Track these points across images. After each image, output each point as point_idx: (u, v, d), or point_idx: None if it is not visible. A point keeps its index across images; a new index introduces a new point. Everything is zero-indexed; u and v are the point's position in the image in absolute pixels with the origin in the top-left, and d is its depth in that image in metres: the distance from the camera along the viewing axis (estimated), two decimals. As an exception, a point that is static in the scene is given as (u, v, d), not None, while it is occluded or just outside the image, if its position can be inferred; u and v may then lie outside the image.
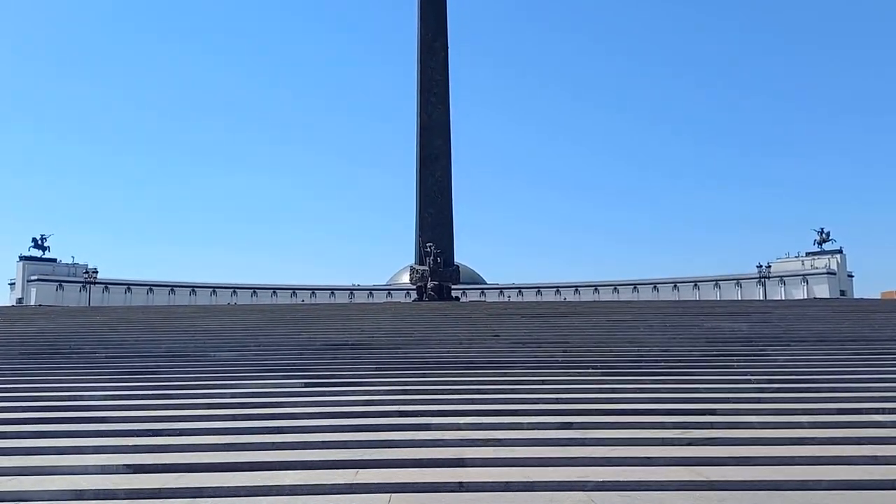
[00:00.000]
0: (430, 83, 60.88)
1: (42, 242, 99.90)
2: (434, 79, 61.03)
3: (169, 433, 12.90)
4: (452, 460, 10.99)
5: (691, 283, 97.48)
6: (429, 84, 60.87)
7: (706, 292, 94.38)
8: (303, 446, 11.88)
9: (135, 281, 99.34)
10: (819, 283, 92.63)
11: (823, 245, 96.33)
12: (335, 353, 21.46)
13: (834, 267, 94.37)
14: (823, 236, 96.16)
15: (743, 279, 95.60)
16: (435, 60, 61.23)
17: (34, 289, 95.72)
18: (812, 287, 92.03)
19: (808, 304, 35.43)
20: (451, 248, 57.72)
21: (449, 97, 61.14)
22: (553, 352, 20.90)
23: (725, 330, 25.65)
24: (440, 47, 61.43)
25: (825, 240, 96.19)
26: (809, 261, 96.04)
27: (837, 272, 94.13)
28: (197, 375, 18.14)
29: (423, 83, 60.65)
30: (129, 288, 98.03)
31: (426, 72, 60.80)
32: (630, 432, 12.54)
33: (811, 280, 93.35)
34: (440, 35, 61.51)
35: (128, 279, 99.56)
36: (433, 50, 61.16)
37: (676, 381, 16.96)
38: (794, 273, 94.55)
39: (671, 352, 21.09)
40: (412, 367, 19.07)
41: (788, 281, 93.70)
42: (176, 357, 20.82)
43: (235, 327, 27.64)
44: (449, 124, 61.06)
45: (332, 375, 18.03)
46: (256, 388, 16.60)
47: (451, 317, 30.74)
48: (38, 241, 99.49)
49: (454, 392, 16.03)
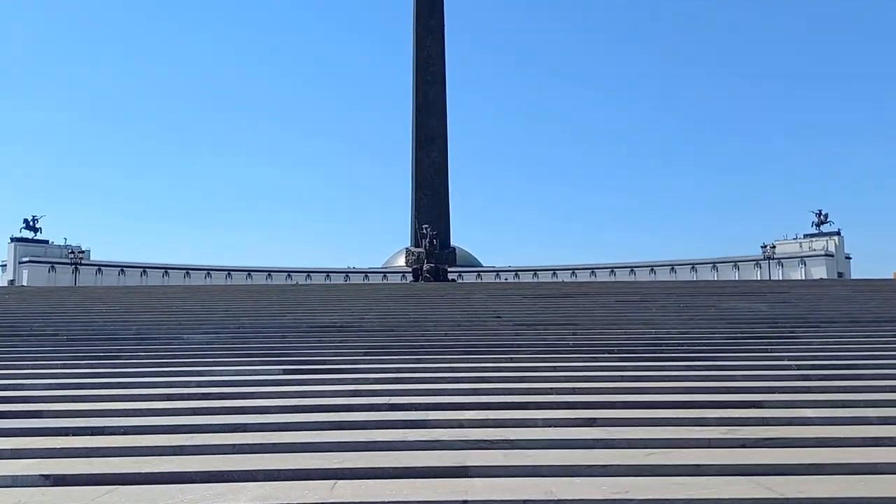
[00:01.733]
0: (425, 62, 58.56)
1: (34, 224, 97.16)
2: (430, 57, 58.69)
3: (111, 431, 10.57)
4: (454, 469, 8.67)
5: (689, 266, 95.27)
6: (424, 63, 58.54)
7: (703, 275, 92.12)
8: (271, 449, 9.56)
9: (129, 263, 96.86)
10: (817, 264, 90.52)
11: (821, 227, 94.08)
12: (321, 336, 19.12)
13: (832, 249, 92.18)
14: (821, 218, 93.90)
15: (741, 261, 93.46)
16: (431, 38, 58.83)
17: (26, 270, 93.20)
18: (810, 269, 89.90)
19: (824, 283, 33.23)
20: (447, 231, 56.06)
21: (445, 76, 58.89)
22: (562, 335, 18.61)
23: (744, 311, 23.36)
24: (436, 25, 59.03)
25: (823, 221, 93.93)
26: (807, 242, 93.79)
27: (835, 254, 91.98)
28: (162, 361, 15.80)
29: (419, 62, 58.34)
30: (122, 270, 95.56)
31: (422, 50, 58.43)
32: (666, 431, 10.24)
33: (809, 262, 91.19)
34: (436, 12, 59.05)
35: (121, 261, 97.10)
36: (429, 28, 58.75)
37: (706, 368, 14.68)
38: (792, 255, 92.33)
39: (692, 334, 18.81)
40: (406, 351, 16.77)
41: (786, 263, 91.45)
42: (143, 340, 18.47)
43: (216, 308, 25.27)
44: (445, 104, 58.92)
45: (316, 361, 15.69)
46: (226, 375, 14.27)
47: (447, 297, 28.41)
48: (29, 223, 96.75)
49: (453, 381, 13.71)
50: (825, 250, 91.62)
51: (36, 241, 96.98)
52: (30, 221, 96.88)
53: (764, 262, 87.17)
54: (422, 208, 55.52)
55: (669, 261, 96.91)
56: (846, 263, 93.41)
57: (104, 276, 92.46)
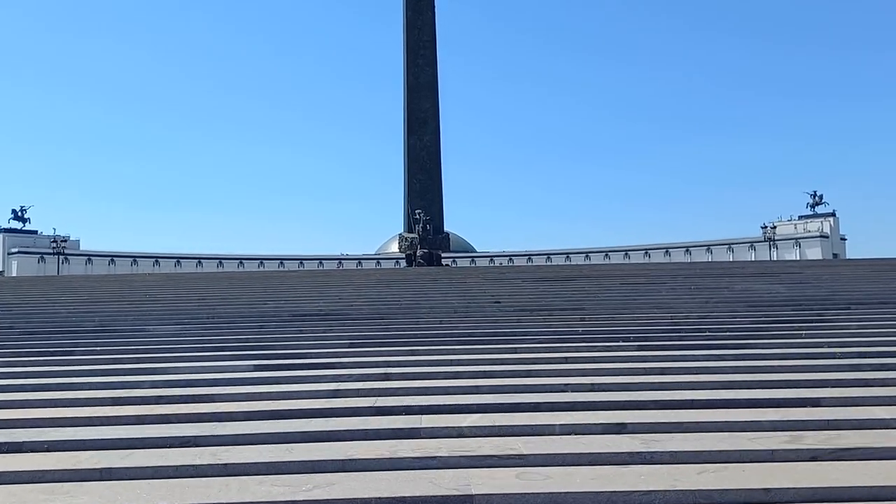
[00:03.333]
0: (416, 44, 56.64)
1: (22, 214, 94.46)
2: (421, 39, 56.80)
3: (32, 448, 8.44)
4: (454, 499, 6.60)
5: (682, 248, 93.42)
6: (415, 44, 56.63)
7: (698, 257, 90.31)
8: (221, 472, 7.46)
9: (118, 252, 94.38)
10: (812, 246, 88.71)
11: (816, 208, 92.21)
12: (303, 325, 17.00)
13: (827, 230, 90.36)
14: (816, 199, 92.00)
15: (734, 243, 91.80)
16: (422, 19, 56.86)
17: (15, 261, 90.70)
18: (805, 250, 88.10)
19: (835, 264, 31.27)
20: (440, 215, 54.55)
21: (437, 58, 57.02)
22: (570, 321, 16.54)
23: (761, 292, 21.35)
24: (426, 6, 56.94)
25: (818, 202, 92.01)
26: (802, 224, 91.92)
27: (830, 235, 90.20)
28: (119, 357, 13.65)
29: (410, 43, 56.41)
30: (112, 260, 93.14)
31: (412, 31, 56.50)
32: (715, 439, 8.18)
33: (804, 244, 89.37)
34: (427, -7, 56.91)
35: (111, 250, 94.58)
36: (419, 8, 56.75)
37: (737, 357, 12.61)
38: (787, 237, 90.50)
39: (711, 318, 16.77)
40: (396, 342, 14.67)
41: (781, 245, 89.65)
42: (104, 333, 16.32)
43: (192, 296, 23.10)
44: (437, 86, 57.16)
45: (293, 355, 13.60)
46: (188, 373, 12.14)
47: (442, 282, 26.29)
48: (17, 213, 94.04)
49: (450, 376, 11.63)
50: (820, 231, 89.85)
51: (25, 232, 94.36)
52: (18, 212, 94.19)
53: (759, 244, 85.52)
54: (414, 193, 53.83)
55: (664, 244, 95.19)
56: (841, 245, 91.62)
57: (94, 266, 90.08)
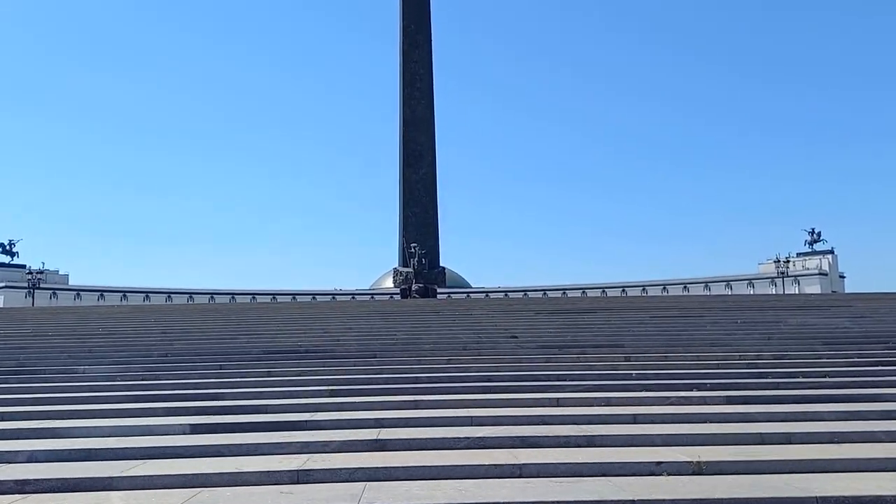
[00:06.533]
0: (412, 77, 53.77)
1: (10, 248, 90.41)
2: (417, 73, 53.95)
3: None
4: None
5: (681, 285, 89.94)
6: (411, 78, 53.74)
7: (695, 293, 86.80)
8: None
9: (108, 287, 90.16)
10: (811, 283, 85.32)
11: (815, 245, 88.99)
12: (273, 364, 13.06)
13: (826, 267, 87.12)
14: (815, 237, 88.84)
15: (733, 280, 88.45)
16: (418, 53, 54.07)
17: (2, 295, 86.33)
18: (804, 287, 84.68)
19: (880, 297, 27.55)
20: (436, 249, 51.22)
21: (433, 92, 54.08)
22: (612, 360, 12.69)
23: (824, 326, 17.59)
24: (423, 40, 54.32)
25: (816, 240, 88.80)
26: (801, 261, 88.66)
27: (829, 272, 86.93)
28: (23, 411, 9.72)
29: (406, 77, 53.55)
30: (101, 294, 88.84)
31: (409, 65, 53.68)
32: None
33: (803, 281, 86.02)
34: (423, 27, 54.41)
35: (100, 285, 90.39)
36: (416, 42, 54.01)
37: (854, 399, 8.78)
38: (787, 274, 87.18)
39: (791, 357, 12.97)
40: (391, 388, 10.78)
41: (778, 282, 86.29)
42: (20, 374, 12.38)
43: (153, 331, 19.07)
44: (433, 120, 54.14)
45: (252, 408, 9.69)
46: (97, 436, 8.21)
47: (445, 314, 22.32)
48: (5, 247, 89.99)
49: (470, 445, 7.73)
50: (819, 269, 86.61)
51: (12, 266, 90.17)
52: (6, 246, 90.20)
53: (758, 281, 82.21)
54: (410, 226, 50.57)
55: (663, 280, 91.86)
56: (840, 282, 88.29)
57: (83, 300, 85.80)
